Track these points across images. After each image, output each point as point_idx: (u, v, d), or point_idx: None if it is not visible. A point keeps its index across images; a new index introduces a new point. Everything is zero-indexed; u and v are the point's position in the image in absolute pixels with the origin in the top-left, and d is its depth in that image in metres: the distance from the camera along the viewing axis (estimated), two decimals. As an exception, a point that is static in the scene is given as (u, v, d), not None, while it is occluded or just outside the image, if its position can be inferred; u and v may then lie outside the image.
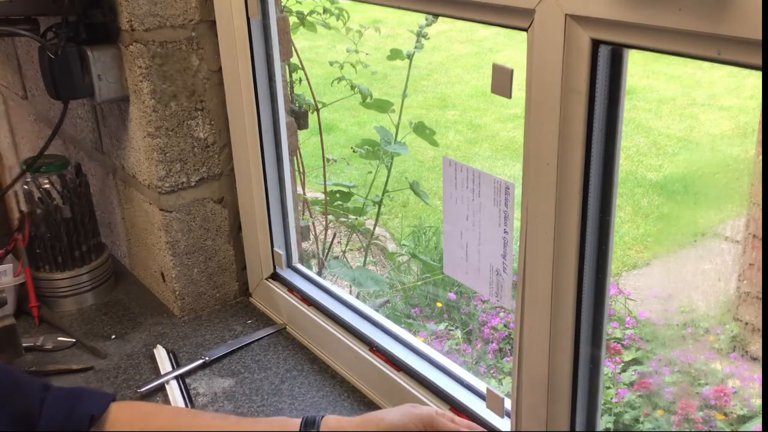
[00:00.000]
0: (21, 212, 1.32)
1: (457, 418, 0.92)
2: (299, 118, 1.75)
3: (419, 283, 3.24)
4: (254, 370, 1.16)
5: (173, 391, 1.11)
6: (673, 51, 0.60)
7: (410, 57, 2.12)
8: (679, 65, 5.04)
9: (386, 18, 5.47)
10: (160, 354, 1.20)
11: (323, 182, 2.18)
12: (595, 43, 0.65)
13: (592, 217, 0.72)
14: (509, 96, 0.74)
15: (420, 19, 2.11)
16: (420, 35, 2.08)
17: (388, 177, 2.30)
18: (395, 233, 3.84)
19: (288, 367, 1.17)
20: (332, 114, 4.68)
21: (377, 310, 1.29)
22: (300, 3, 2.07)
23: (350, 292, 2.39)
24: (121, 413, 0.91)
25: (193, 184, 1.25)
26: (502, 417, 0.92)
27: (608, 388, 2.42)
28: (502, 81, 0.74)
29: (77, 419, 0.88)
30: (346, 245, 2.84)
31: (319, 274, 2.18)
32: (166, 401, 1.10)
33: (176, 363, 1.19)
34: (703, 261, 2.78)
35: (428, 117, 4.98)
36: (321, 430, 0.89)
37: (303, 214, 2.22)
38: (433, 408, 0.93)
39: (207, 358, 1.19)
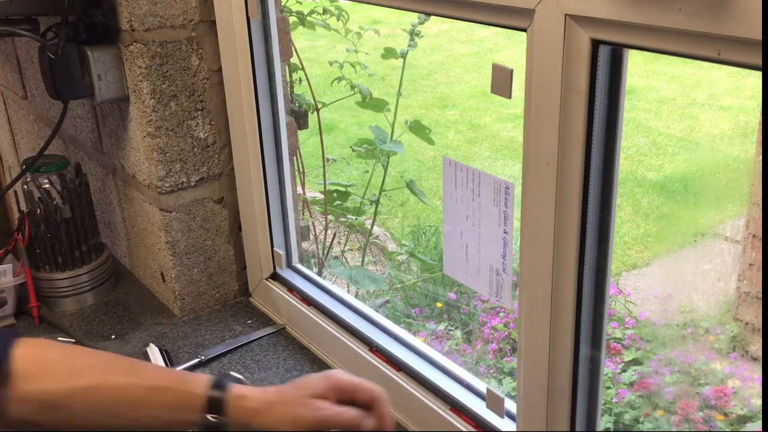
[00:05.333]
0: (21, 212, 1.32)
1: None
2: (299, 118, 1.75)
3: (419, 282, 3.24)
4: (254, 370, 1.16)
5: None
6: (673, 51, 0.60)
7: (404, 56, 2.13)
8: (679, 65, 5.04)
9: (386, 18, 5.47)
10: (153, 353, 1.20)
11: (323, 182, 2.18)
12: (595, 43, 0.65)
13: (592, 217, 0.72)
14: (509, 96, 0.74)
15: (416, 18, 2.11)
16: (413, 33, 2.08)
17: (384, 176, 2.30)
18: (395, 233, 3.84)
19: (288, 367, 1.17)
20: (332, 114, 4.68)
21: (377, 310, 1.29)
22: (300, 3, 2.07)
23: (348, 291, 2.39)
24: (23, 361, 0.82)
25: (193, 184, 1.25)
26: (502, 417, 0.92)
27: (608, 388, 2.42)
28: (501, 81, 0.74)
29: None
30: (345, 245, 2.85)
31: (319, 274, 2.18)
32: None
33: (170, 361, 1.19)
34: (703, 261, 2.78)
35: (428, 117, 4.98)
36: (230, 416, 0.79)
37: (303, 214, 2.22)
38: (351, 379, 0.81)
39: (203, 357, 1.19)
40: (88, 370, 0.85)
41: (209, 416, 0.79)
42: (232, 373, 0.92)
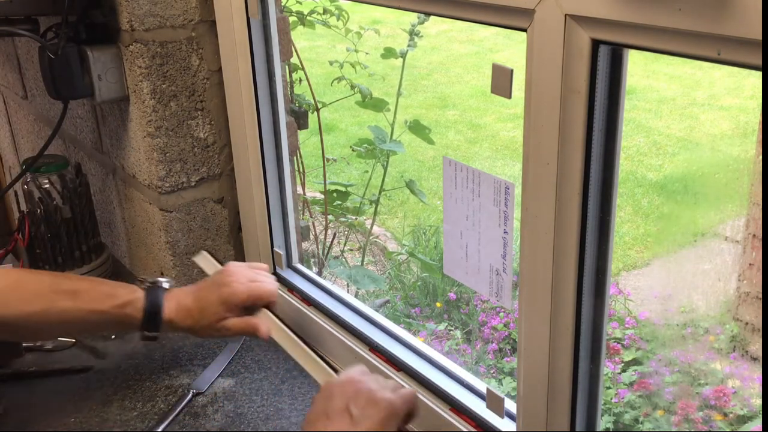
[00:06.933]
0: (21, 212, 1.32)
1: None
2: (299, 118, 1.75)
3: (419, 283, 3.24)
4: (254, 370, 1.16)
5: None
6: (673, 51, 0.60)
7: (403, 56, 2.13)
8: (679, 65, 5.05)
9: (385, 18, 5.47)
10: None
11: (323, 182, 2.18)
12: (595, 43, 0.65)
13: (592, 217, 0.72)
14: (509, 96, 0.74)
15: (415, 18, 2.12)
16: (412, 33, 2.09)
17: (384, 175, 2.31)
18: (396, 233, 3.85)
19: (288, 367, 1.17)
20: (332, 114, 4.69)
21: (377, 310, 1.29)
22: (300, 3, 2.07)
23: (348, 291, 2.39)
24: None
25: (193, 184, 1.25)
26: (502, 417, 0.92)
27: (608, 388, 2.43)
28: (501, 81, 0.74)
29: None
30: (345, 245, 2.85)
31: (319, 274, 2.18)
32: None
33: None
34: (703, 261, 2.78)
35: (428, 117, 4.99)
36: (166, 317, 1.03)
37: (303, 214, 2.22)
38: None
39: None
40: (36, 297, 1.00)
41: (146, 333, 1.04)
42: (160, 282, 1.07)
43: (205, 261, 1.15)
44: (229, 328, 1.03)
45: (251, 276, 1.06)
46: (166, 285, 1.06)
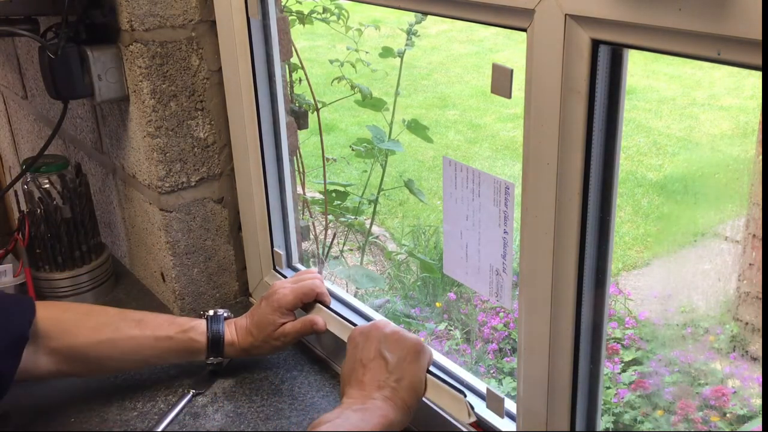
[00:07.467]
0: (21, 212, 1.32)
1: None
2: (299, 118, 1.75)
3: (419, 283, 3.24)
4: (254, 370, 1.16)
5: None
6: (673, 51, 0.60)
7: (401, 55, 2.14)
8: (679, 65, 5.05)
9: (386, 18, 5.47)
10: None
11: (323, 182, 2.19)
12: (595, 43, 0.65)
13: (592, 217, 0.72)
14: (509, 96, 0.74)
15: (413, 18, 2.12)
16: (410, 33, 2.09)
17: (383, 175, 2.31)
18: (395, 233, 3.85)
19: (288, 367, 1.17)
20: (332, 114, 4.69)
21: (377, 310, 1.29)
22: (300, 3, 2.07)
23: (347, 291, 2.39)
24: (46, 322, 0.99)
25: (193, 184, 1.25)
26: (502, 417, 0.92)
27: (608, 388, 2.43)
28: (501, 81, 0.74)
29: (15, 329, 0.94)
30: (344, 244, 2.85)
31: (319, 273, 2.18)
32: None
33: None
34: (703, 261, 2.78)
35: (428, 117, 4.99)
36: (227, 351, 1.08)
37: (303, 214, 2.22)
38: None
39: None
40: (104, 326, 1.03)
41: (211, 358, 1.08)
42: (219, 312, 1.11)
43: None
44: (287, 333, 1.07)
45: (294, 279, 1.13)
46: (224, 315, 1.11)
